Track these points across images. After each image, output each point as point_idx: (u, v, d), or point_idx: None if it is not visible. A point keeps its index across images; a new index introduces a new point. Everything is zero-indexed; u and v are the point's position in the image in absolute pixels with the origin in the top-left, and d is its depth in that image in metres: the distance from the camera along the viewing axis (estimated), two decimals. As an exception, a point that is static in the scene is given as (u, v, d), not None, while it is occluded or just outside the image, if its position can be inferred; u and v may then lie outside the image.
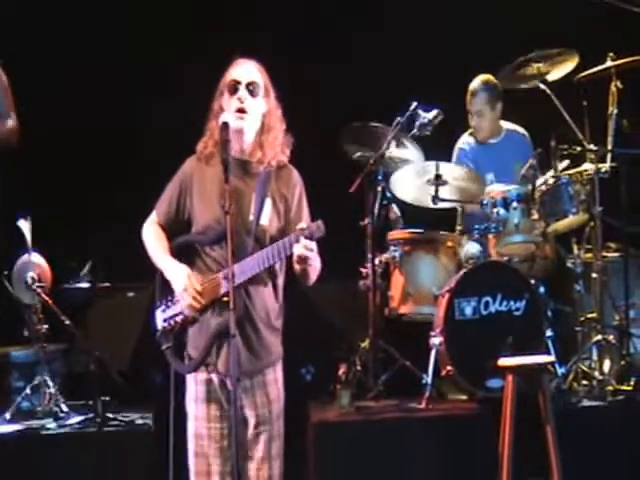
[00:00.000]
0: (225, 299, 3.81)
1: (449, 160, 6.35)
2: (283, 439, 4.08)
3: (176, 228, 4.11)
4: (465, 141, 6.50)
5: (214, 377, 4.00)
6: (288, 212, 4.03)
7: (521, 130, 6.50)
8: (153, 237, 4.11)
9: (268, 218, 3.97)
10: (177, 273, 3.98)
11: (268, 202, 3.98)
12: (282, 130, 4.08)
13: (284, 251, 3.81)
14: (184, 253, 4.05)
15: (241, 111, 3.98)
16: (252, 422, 4.00)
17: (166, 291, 4.04)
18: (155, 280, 4.09)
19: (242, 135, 4.02)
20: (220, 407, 4.00)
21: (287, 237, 3.82)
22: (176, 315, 4.03)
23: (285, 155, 4.07)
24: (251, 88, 4.00)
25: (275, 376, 4.06)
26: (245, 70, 4.05)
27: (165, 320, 4.05)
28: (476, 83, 6.41)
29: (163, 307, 4.06)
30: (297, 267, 3.89)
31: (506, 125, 6.53)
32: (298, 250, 3.75)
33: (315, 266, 3.93)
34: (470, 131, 6.51)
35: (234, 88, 4.01)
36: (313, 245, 3.76)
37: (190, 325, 4.01)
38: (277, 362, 4.08)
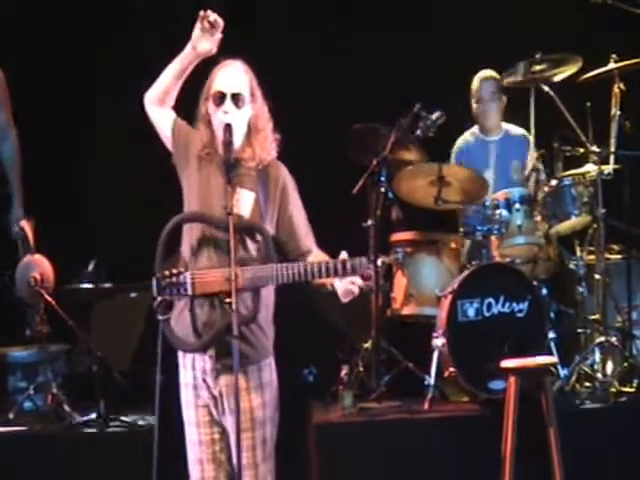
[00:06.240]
0: (227, 300, 3.74)
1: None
2: (271, 444, 3.97)
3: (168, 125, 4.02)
4: (465, 138, 6.48)
5: (199, 381, 3.92)
6: (282, 206, 3.99)
7: (521, 130, 6.47)
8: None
9: (257, 214, 3.92)
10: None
11: (258, 199, 3.94)
12: (270, 128, 4.04)
13: (311, 276, 3.81)
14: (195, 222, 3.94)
15: (227, 126, 3.93)
16: (233, 429, 3.83)
17: (170, 261, 3.86)
18: (158, 246, 3.85)
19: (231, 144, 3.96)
20: (209, 412, 3.94)
21: (316, 264, 3.80)
22: (179, 285, 3.81)
23: (274, 152, 4.03)
24: (236, 99, 3.94)
25: (260, 382, 3.94)
26: (230, 79, 3.96)
27: (165, 289, 3.81)
28: (482, 73, 6.42)
29: (165, 276, 3.82)
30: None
31: (506, 125, 6.53)
32: (345, 286, 3.79)
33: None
34: (471, 130, 6.50)
35: (219, 100, 3.95)
36: (358, 280, 3.79)
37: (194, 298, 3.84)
38: (263, 366, 3.95)
